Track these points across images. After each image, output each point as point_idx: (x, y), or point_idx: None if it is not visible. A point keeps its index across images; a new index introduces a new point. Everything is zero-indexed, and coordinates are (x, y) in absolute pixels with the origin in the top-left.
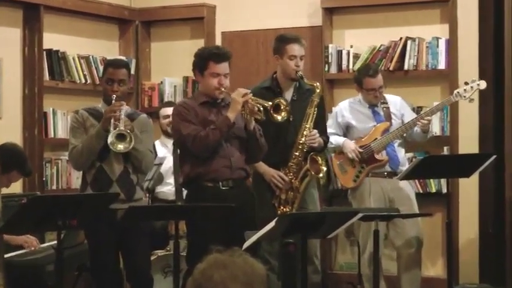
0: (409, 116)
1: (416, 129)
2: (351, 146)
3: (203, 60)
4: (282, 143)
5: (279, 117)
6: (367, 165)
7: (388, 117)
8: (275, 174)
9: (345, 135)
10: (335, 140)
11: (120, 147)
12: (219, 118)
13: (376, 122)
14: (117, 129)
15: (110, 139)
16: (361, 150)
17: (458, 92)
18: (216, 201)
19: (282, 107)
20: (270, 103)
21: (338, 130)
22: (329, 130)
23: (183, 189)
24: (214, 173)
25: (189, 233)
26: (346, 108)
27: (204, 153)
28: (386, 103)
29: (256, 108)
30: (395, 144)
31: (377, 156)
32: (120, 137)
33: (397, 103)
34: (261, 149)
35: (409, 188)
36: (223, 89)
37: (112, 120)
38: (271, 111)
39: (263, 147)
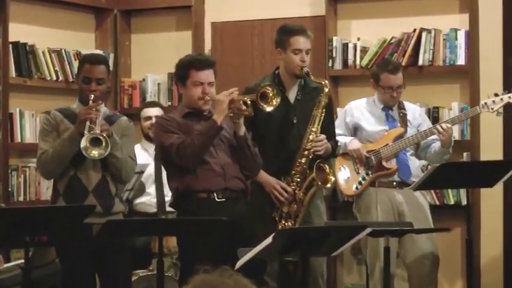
0: (426, 127)
1: (434, 145)
2: (356, 145)
3: (184, 69)
4: (284, 148)
5: (270, 108)
6: (373, 173)
7: (404, 123)
8: (277, 185)
9: None
10: (342, 139)
11: (95, 153)
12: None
13: (388, 126)
14: (91, 132)
15: (82, 143)
16: (367, 154)
17: (485, 103)
18: (209, 215)
19: (270, 94)
20: (255, 95)
21: (345, 131)
22: (336, 131)
23: (174, 209)
24: (207, 182)
25: (181, 253)
26: (357, 108)
27: (190, 162)
28: (404, 109)
29: (243, 106)
30: (408, 153)
31: (385, 164)
32: (95, 142)
33: (416, 111)
34: (254, 158)
35: (422, 199)
36: (207, 98)
37: (87, 123)
38: (261, 103)
39: (256, 158)
